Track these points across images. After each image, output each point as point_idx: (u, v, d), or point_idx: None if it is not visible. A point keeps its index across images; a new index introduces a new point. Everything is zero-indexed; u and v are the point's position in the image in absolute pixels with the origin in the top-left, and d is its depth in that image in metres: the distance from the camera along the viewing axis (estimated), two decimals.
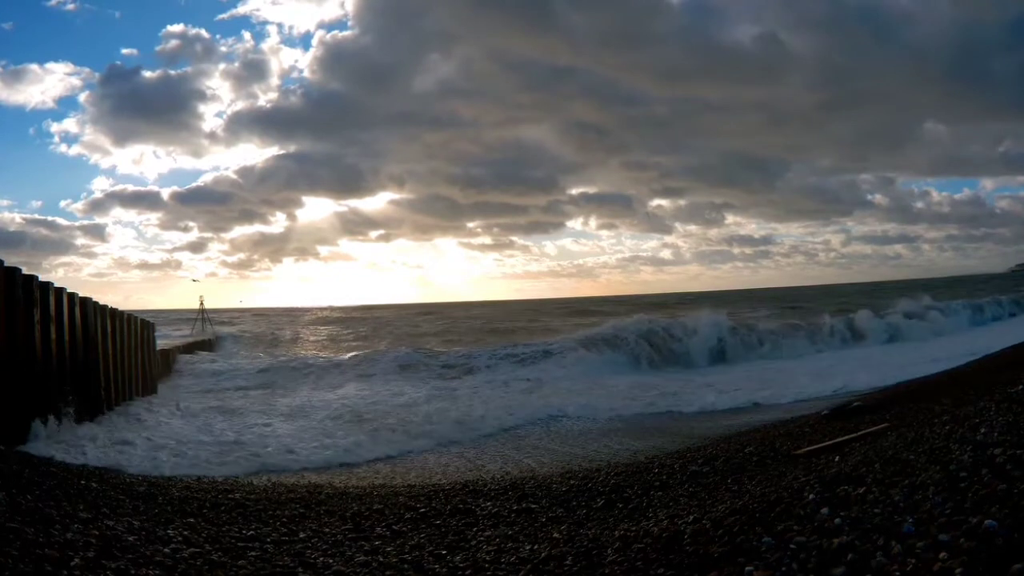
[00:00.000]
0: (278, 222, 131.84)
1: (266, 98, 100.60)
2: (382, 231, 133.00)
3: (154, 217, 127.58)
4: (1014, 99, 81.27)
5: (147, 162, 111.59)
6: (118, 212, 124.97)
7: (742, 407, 12.40)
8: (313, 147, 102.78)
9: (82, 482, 5.82)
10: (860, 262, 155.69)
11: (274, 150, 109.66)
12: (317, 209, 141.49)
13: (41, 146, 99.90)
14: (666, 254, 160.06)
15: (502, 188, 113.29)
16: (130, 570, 3.42)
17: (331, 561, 4.01)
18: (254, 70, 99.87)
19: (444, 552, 4.16)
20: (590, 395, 14.67)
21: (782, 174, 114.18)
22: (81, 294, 9.85)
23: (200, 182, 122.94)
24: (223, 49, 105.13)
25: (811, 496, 3.51)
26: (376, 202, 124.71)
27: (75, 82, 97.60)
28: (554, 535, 4.33)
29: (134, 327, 12.68)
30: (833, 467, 4.42)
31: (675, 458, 7.14)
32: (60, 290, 9.01)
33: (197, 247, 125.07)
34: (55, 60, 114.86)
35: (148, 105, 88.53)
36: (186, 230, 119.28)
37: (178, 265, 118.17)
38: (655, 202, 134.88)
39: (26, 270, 8.17)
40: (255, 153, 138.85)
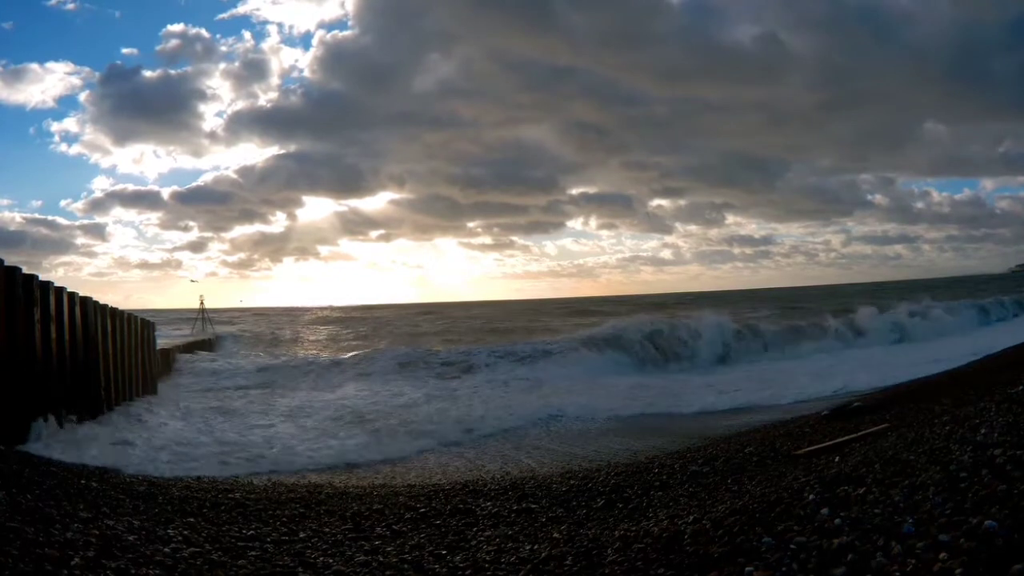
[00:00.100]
0: (278, 222, 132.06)
1: (266, 98, 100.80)
2: (382, 231, 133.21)
3: (154, 217, 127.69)
4: (1014, 99, 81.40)
5: (147, 162, 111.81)
6: (118, 212, 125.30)
7: (742, 407, 12.39)
8: (313, 147, 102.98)
9: (82, 482, 5.82)
10: (860, 262, 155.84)
11: (274, 150, 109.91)
12: (317, 209, 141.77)
13: (41, 145, 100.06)
14: (666, 254, 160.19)
15: (502, 188, 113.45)
16: (130, 569, 3.42)
17: (331, 561, 4.01)
18: (254, 70, 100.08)
19: (444, 552, 4.16)
20: (590, 395, 14.67)
21: (782, 174, 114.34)
22: (81, 293, 9.85)
23: (200, 182, 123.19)
24: (223, 49, 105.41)
25: (811, 496, 3.51)
26: (376, 202, 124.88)
27: (75, 81, 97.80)
28: (554, 535, 4.33)
29: (134, 326, 12.68)
30: (833, 467, 4.42)
31: (675, 458, 7.14)
32: (60, 289, 9.01)
33: (197, 247, 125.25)
34: (55, 60, 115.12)
35: (148, 105, 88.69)
36: (186, 230, 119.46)
37: (178, 265, 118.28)
38: (655, 202, 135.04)
39: (26, 269, 8.17)
40: (255, 153, 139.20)
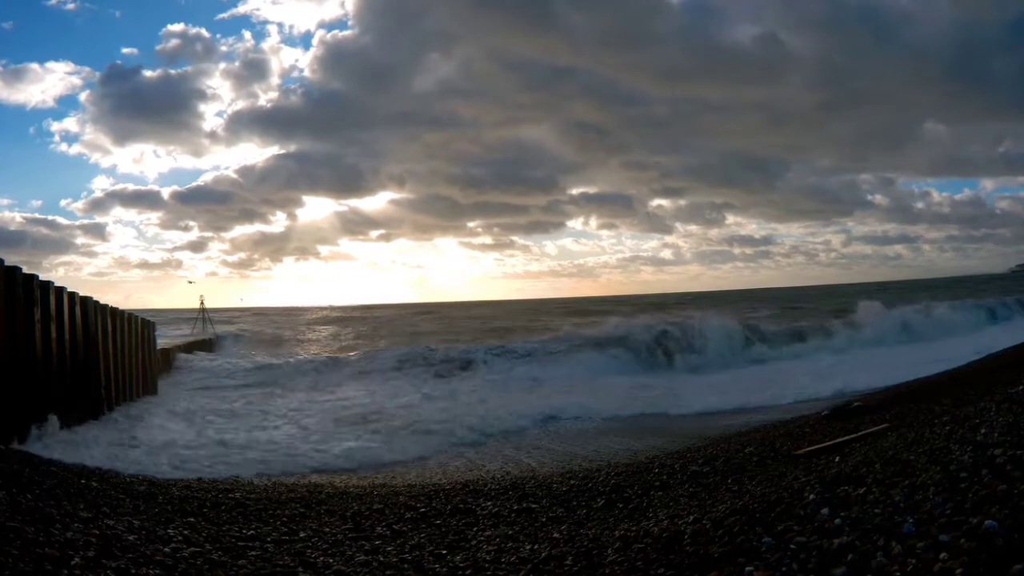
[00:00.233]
0: (278, 222, 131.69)
1: (266, 98, 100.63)
2: (382, 231, 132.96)
3: (154, 216, 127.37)
4: (1014, 99, 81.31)
5: (147, 161, 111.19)
6: (118, 211, 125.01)
7: (742, 408, 12.39)
8: (313, 147, 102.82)
9: (82, 481, 5.82)
10: (860, 262, 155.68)
11: (274, 150, 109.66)
12: (317, 209, 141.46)
13: (41, 145, 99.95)
14: (666, 254, 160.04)
15: (502, 188, 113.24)
16: (130, 569, 3.42)
17: (331, 560, 4.01)
18: (254, 70, 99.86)
19: (444, 552, 4.16)
20: (590, 395, 14.67)
21: (782, 174, 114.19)
22: (81, 293, 9.86)
23: (200, 181, 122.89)
24: (223, 48, 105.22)
25: (811, 496, 3.51)
26: (376, 202, 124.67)
27: (75, 81, 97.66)
28: (554, 535, 4.33)
29: (134, 326, 12.68)
30: (833, 467, 4.42)
31: (675, 458, 7.14)
32: (60, 289, 9.01)
33: (197, 246, 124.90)
34: (55, 59, 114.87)
35: (148, 104, 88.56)
36: (186, 229, 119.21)
37: (178, 264, 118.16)
38: (655, 202, 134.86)
39: (26, 269, 8.18)
40: (255, 153, 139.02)
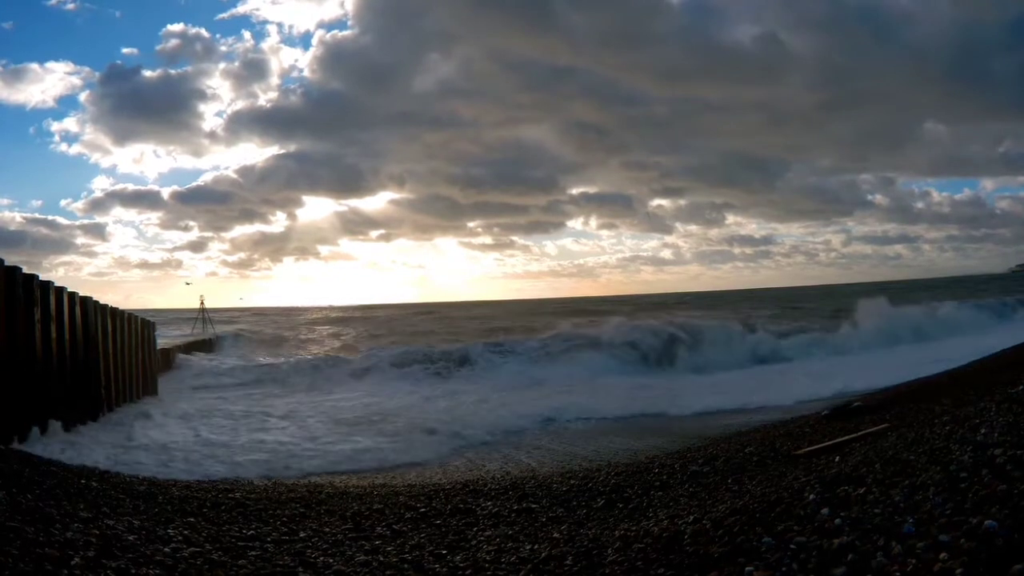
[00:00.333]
0: (278, 222, 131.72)
1: (266, 98, 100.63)
2: (382, 231, 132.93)
3: (154, 216, 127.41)
4: (1014, 99, 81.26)
5: (147, 161, 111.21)
6: (118, 211, 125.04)
7: (743, 408, 12.39)
8: (313, 147, 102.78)
9: (82, 481, 5.82)
10: (860, 262, 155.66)
11: (274, 150, 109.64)
12: (317, 209, 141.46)
13: (41, 145, 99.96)
14: (666, 254, 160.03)
15: (502, 188, 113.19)
16: (130, 569, 3.42)
17: (331, 560, 4.01)
18: (254, 70, 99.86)
19: (444, 552, 4.16)
20: (590, 395, 14.68)
21: (782, 174, 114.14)
22: (81, 293, 9.87)
23: (200, 181, 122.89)
24: (223, 48, 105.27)
25: (811, 496, 3.51)
26: (376, 202, 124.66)
27: (75, 81, 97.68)
28: (554, 535, 4.33)
29: (134, 326, 12.68)
30: (833, 467, 4.42)
31: (675, 458, 7.14)
32: (60, 289, 9.01)
33: (197, 246, 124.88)
34: (55, 59, 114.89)
35: (148, 104, 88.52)
36: (186, 229, 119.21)
37: (178, 264, 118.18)
38: (655, 202, 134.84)
39: (26, 269, 8.19)
40: (255, 152, 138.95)
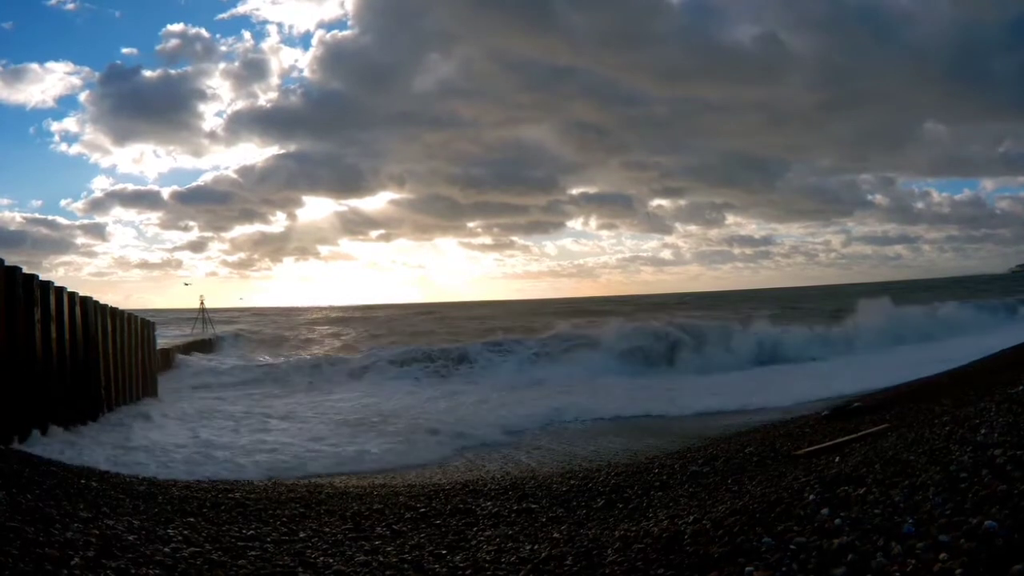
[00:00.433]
0: (278, 222, 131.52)
1: (266, 98, 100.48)
2: (382, 231, 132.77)
3: (154, 216, 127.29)
4: (1014, 99, 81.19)
5: (147, 161, 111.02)
6: (118, 211, 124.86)
7: (742, 409, 12.39)
8: (313, 147, 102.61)
9: (82, 481, 5.82)
10: (860, 262, 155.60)
11: (274, 150, 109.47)
12: (317, 209, 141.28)
13: (41, 145, 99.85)
14: (666, 254, 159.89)
15: (502, 188, 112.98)
16: (130, 569, 3.42)
17: (331, 561, 4.01)
18: (254, 70, 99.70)
19: (444, 552, 4.16)
20: (590, 395, 14.68)
21: (782, 174, 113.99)
22: (81, 293, 9.86)
23: (200, 181, 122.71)
24: (223, 48, 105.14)
25: (811, 496, 3.51)
26: (376, 202, 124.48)
27: (75, 81, 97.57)
28: (554, 535, 4.33)
29: (134, 326, 12.68)
30: (833, 468, 4.42)
31: (675, 458, 7.14)
32: (60, 289, 9.01)
33: (197, 246, 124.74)
34: (55, 59, 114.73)
35: (148, 104, 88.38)
36: (186, 229, 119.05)
37: (178, 264, 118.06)
38: (655, 202, 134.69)
39: (26, 269, 8.18)
40: (255, 153, 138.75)
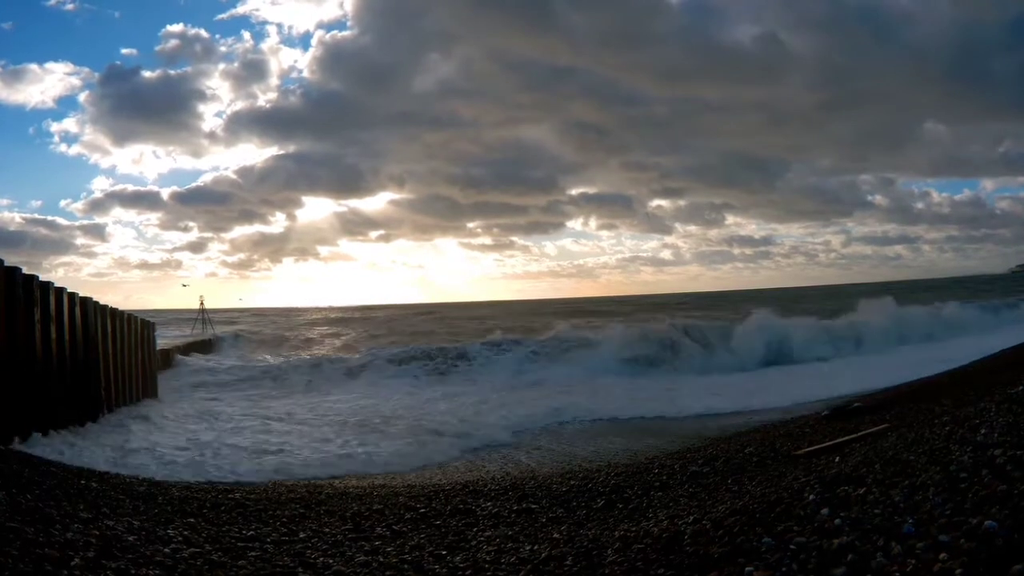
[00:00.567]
0: (278, 222, 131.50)
1: (265, 98, 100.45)
2: (382, 231, 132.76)
3: (154, 217, 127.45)
4: (1014, 99, 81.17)
5: (147, 162, 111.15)
6: (118, 212, 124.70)
7: (742, 409, 12.39)
8: (313, 147, 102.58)
9: (82, 482, 5.82)
10: (860, 263, 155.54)
11: (274, 150, 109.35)
12: (317, 209, 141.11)
13: (41, 146, 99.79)
14: (666, 254, 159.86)
15: (502, 188, 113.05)
16: (130, 570, 3.42)
17: (331, 561, 4.01)
18: (253, 70, 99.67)
19: (444, 552, 4.16)
20: (590, 396, 14.69)
21: (782, 174, 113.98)
22: (81, 294, 9.86)
23: (200, 182, 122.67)
24: (222, 49, 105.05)
25: (811, 497, 3.51)
26: (376, 202, 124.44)
27: (75, 82, 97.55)
28: (554, 535, 4.33)
29: (134, 327, 12.68)
30: (833, 468, 4.42)
31: (675, 458, 7.14)
32: (60, 290, 9.01)
33: (197, 247, 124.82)
34: (55, 60, 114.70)
35: (148, 105, 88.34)
36: (186, 230, 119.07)
37: (178, 265, 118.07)
38: (655, 202, 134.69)
39: (26, 270, 8.18)
40: (255, 153, 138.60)
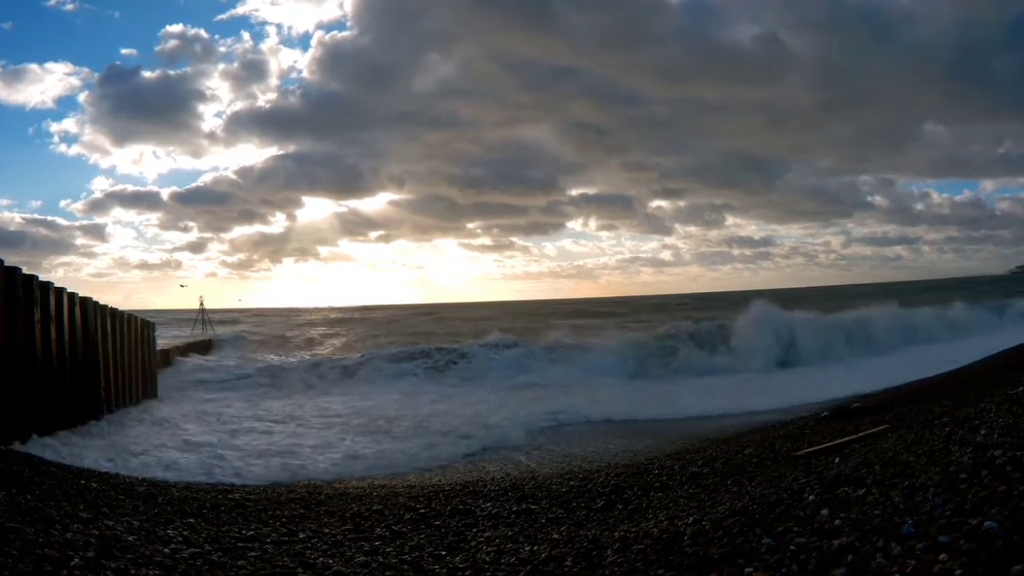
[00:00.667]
0: (278, 222, 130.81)
1: (265, 98, 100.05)
2: (382, 232, 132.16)
3: (154, 217, 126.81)
4: (1014, 100, 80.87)
5: (146, 162, 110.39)
6: (118, 212, 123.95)
7: (742, 410, 12.37)
8: (312, 147, 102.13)
9: (82, 482, 5.82)
10: (860, 263, 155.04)
11: (273, 150, 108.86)
12: (317, 209, 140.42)
13: (41, 146, 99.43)
14: (666, 255, 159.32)
15: (502, 188, 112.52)
16: (130, 570, 3.42)
17: (331, 561, 4.01)
18: (253, 70, 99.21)
19: (444, 553, 4.16)
20: (590, 397, 14.67)
21: (782, 175, 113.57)
22: (81, 294, 9.86)
23: (200, 182, 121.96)
24: (222, 49, 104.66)
25: (811, 497, 3.51)
26: (376, 203, 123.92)
27: (74, 82, 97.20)
28: (554, 536, 4.33)
29: (134, 327, 12.67)
30: (833, 468, 4.42)
31: (675, 459, 7.14)
32: (60, 290, 9.01)
33: (197, 247, 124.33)
34: (54, 60, 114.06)
35: (147, 105, 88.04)
36: (186, 230, 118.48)
37: (178, 265, 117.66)
38: (655, 203, 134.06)
39: (26, 270, 8.18)
40: (254, 153, 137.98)
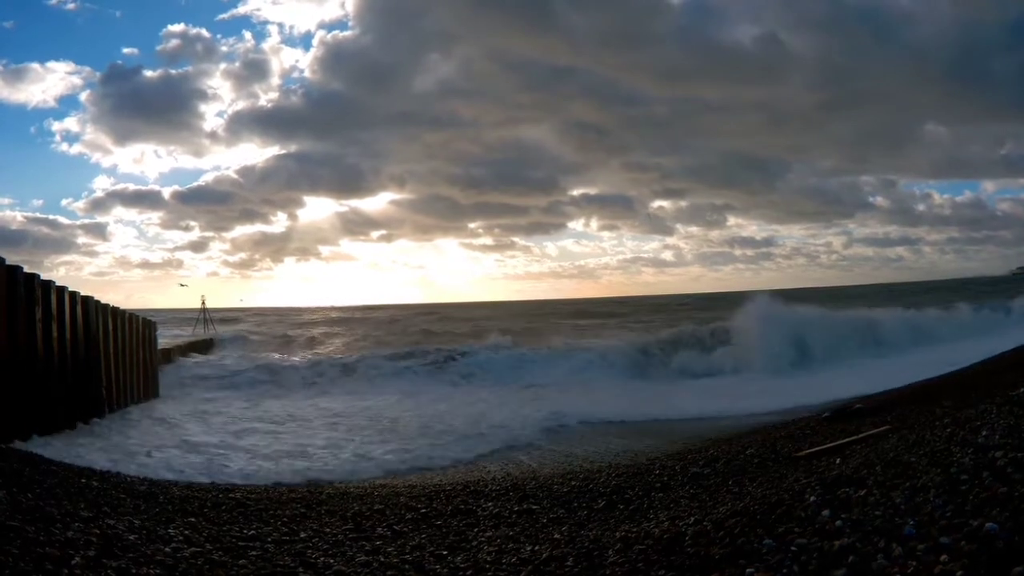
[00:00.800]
0: (279, 222, 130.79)
1: (267, 98, 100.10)
2: (383, 231, 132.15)
3: (155, 216, 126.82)
4: (1015, 100, 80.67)
5: (148, 161, 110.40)
6: (119, 211, 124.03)
7: (744, 411, 12.36)
8: (314, 147, 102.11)
9: (83, 481, 5.82)
10: (862, 264, 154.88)
11: (275, 150, 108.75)
12: (318, 209, 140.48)
13: (42, 145, 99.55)
14: (667, 255, 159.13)
15: (502, 188, 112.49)
16: (131, 569, 3.42)
17: (332, 561, 4.01)
18: (255, 70, 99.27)
19: (445, 552, 4.16)
20: (591, 397, 14.68)
21: (783, 175, 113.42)
22: (82, 293, 9.87)
23: (201, 181, 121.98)
24: (224, 49, 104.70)
25: (812, 498, 3.50)
26: (377, 202, 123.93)
27: (76, 81, 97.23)
28: (555, 536, 4.33)
29: (136, 326, 12.68)
30: (834, 469, 4.42)
31: (676, 459, 7.14)
32: (61, 289, 9.02)
33: (198, 246, 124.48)
34: (56, 59, 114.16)
35: (149, 104, 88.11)
36: (187, 229, 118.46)
37: (179, 264, 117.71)
38: (656, 203, 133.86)
39: (28, 269, 8.20)
40: (256, 153, 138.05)
